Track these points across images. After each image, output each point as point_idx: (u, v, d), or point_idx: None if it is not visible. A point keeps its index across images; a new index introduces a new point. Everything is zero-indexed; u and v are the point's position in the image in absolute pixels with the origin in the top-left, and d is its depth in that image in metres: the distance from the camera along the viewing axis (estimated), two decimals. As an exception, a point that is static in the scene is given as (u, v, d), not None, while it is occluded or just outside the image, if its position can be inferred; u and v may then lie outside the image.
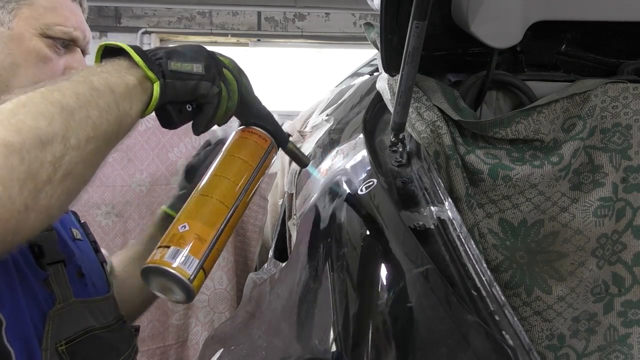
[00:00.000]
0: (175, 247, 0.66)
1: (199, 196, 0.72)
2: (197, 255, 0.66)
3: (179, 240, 0.67)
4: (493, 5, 0.95)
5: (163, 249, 0.66)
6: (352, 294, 0.78)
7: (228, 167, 0.75)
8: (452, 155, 0.93)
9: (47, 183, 0.50)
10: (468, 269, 0.73)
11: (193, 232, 0.67)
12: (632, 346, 1.04)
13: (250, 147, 0.78)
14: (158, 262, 0.65)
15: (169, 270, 0.65)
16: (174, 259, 0.65)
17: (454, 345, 0.65)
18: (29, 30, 0.76)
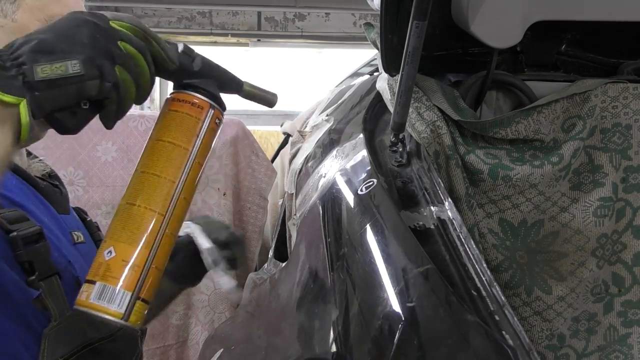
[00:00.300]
0: (101, 283, 0.56)
1: (123, 204, 0.60)
2: (129, 287, 0.57)
3: (104, 273, 0.57)
4: (493, 5, 0.95)
5: (89, 284, 0.57)
6: (352, 294, 0.78)
7: (155, 159, 0.60)
8: (452, 155, 0.93)
9: None
10: (468, 269, 0.73)
11: (119, 258, 0.57)
12: (632, 346, 1.04)
13: (181, 122, 0.61)
14: (84, 304, 0.57)
15: (97, 314, 0.56)
16: (100, 299, 0.56)
17: (454, 345, 0.65)
18: (33, 22, 0.73)
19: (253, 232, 2.40)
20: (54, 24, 0.56)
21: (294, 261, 1.10)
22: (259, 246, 2.41)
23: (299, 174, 1.42)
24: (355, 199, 0.92)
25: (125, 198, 0.60)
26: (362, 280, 0.79)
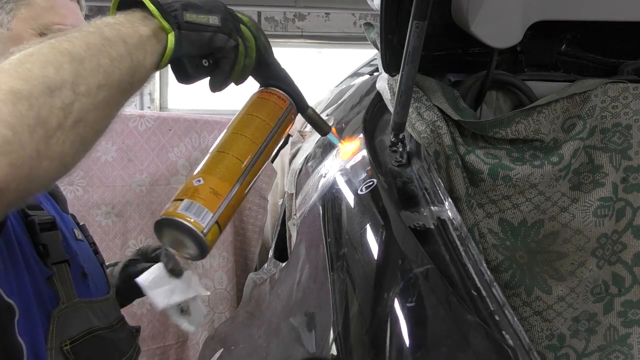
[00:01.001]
0: (189, 200, 0.63)
1: (215, 153, 0.70)
2: (211, 208, 0.64)
3: (192, 194, 0.64)
4: (493, 5, 0.95)
5: (176, 201, 0.64)
6: (352, 294, 0.78)
7: (246, 125, 0.72)
8: (452, 155, 0.93)
9: (58, 129, 0.49)
10: (468, 269, 0.73)
11: (208, 186, 0.65)
12: (632, 346, 1.04)
13: (269, 106, 0.75)
14: (171, 213, 0.63)
15: (182, 222, 0.62)
16: (187, 211, 0.63)
17: (454, 345, 0.65)
18: (27, 31, 0.75)
19: (253, 232, 2.40)
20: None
21: (294, 261, 1.10)
22: (259, 246, 2.41)
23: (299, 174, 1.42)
24: (355, 199, 0.92)
25: (217, 148, 0.71)
26: (362, 280, 0.79)
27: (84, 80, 0.52)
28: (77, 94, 0.51)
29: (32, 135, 0.47)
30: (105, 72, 0.54)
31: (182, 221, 0.62)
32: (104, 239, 2.09)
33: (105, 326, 0.82)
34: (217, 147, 0.71)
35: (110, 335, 0.82)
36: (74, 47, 0.53)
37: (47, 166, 0.50)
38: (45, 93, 0.49)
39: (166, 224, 0.63)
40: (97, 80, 0.53)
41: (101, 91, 0.54)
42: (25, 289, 0.69)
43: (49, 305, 0.73)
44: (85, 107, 0.52)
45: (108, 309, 0.85)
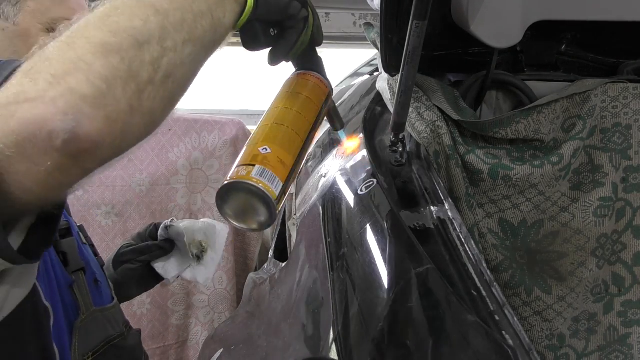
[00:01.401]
0: (261, 166, 0.61)
1: (273, 124, 0.68)
2: (281, 177, 0.62)
3: (263, 160, 0.62)
4: (493, 5, 0.95)
5: (247, 166, 0.61)
6: (352, 294, 0.78)
7: (296, 103, 0.71)
8: (452, 155, 0.93)
9: (149, 84, 0.48)
10: (468, 269, 0.73)
11: (275, 154, 0.63)
12: (632, 346, 1.04)
13: (316, 89, 0.74)
14: (245, 178, 0.59)
15: (258, 187, 0.59)
16: (261, 177, 0.60)
17: (454, 345, 0.65)
18: (35, 26, 0.73)
19: (253, 232, 2.40)
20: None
21: (294, 261, 1.10)
22: (259, 246, 2.41)
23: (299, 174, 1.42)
24: (355, 199, 0.92)
25: (274, 119, 0.68)
26: (362, 280, 0.79)
27: (170, 35, 0.51)
28: (164, 49, 0.50)
29: (125, 89, 0.46)
30: (189, 27, 0.53)
31: (258, 186, 0.59)
32: (104, 239, 2.09)
33: (118, 334, 0.80)
34: (272, 119, 0.68)
35: (124, 344, 0.81)
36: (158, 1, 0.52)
37: (139, 122, 0.48)
38: (134, 46, 0.48)
39: (239, 189, 0.60)
40: (181, 35, 0.52)
41: (186, 47, 0.53)
42: (55, 296, 0.67)
43: (72, 314, 0.71)
44: (173, 62, 0.51)
45: (117, 315, 0.84)
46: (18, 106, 0.43)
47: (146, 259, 1.09)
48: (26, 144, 0.42)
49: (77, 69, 0.44)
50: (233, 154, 2.31)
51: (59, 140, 0.43)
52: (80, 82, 0.44)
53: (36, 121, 0.42)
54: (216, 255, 1.18)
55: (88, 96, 0.44)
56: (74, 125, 0.43)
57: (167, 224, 1.13)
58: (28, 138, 0.42)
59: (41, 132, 0.42)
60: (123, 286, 1.02)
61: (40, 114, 0.42)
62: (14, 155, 0.43)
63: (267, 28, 0.66)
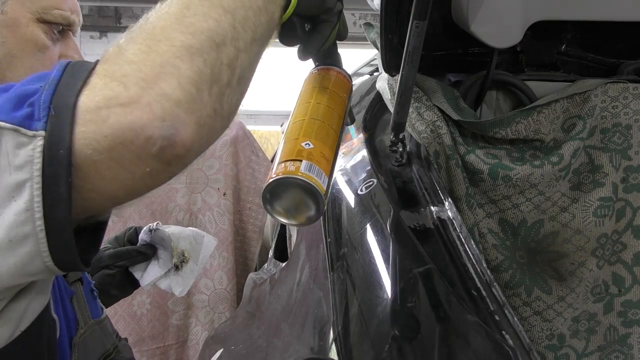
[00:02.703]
0: (308, 161, 0.60)
1: (309, 119, 0.66)
2: (326, 172, 0.61)
3: (308, 155, 0.61)
4: (493, 5, 0.95)
5: (294, 162, 0.60)
6: (352, 294, 0.78)
7: (325, 97, 0.70)
8: (452, 155, 0.93)
9: (228, 86, 0.47)
10: (468, 269, 0.73)
11: (319, 150, 0.62)
12: (632, 346, 1.04)
13: (340, 82, 0.73)
14: (295, 173, 0.58)
15: (308, 182, 0.58)
16: (310, 172, 0.59)
17: (454, 345, 0.65)
18: (25, 15, 0.69)
19: (253, 232, 2.40)
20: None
21: (294, 261, 1.10)
22: (259, 246, 2.41)
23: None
24: (355, 199, 0.92)
25: (310, 115, 0.67)
26: (362, 280, 0.79)
27: (240, 35, 0.50)
28: (237, 50, 0.49)
29: (210, 93, 0.45)
30: (253, 25, 0.52)
31: (308, 181, 0.58)
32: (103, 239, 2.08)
33: (112, 346, 0.78)
34: (307, 114, 0.67)
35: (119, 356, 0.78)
36: None
37: (220, 125, 0.48)
38: (213, 48, 0.47)
39: (290, 184, 0.59)
40: (249, 34, 0.51)
41: (253, 46, 0.52)
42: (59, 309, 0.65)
43: (72, 329, 0.68)
44: (245, 64, 0.50)
45: (109, 327, 0.81)
46: (110, 111, 0.42)
47: (125, 264, 1.05)
48: (119, 149, 0.42)
49: (167, 73, 0.44)
50: (233, 153, 2.31)
51: (156, 147, 0.42)
52: (173, 87, 0.43)
53: (133, 127, 0.42)
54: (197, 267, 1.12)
55: (182, 102, 0.43)
56: (173, 132, 0.42)
57: (152, 228, 1.11)
58: (121, 144, 0.42)
59: (138, 138, 0.42)
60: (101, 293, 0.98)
61: (136, 120, 0.42)
62: (103, 160, 0.42)
63: (303, 22, 0.65)
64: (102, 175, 0.43)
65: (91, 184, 0.43)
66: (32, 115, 0.42)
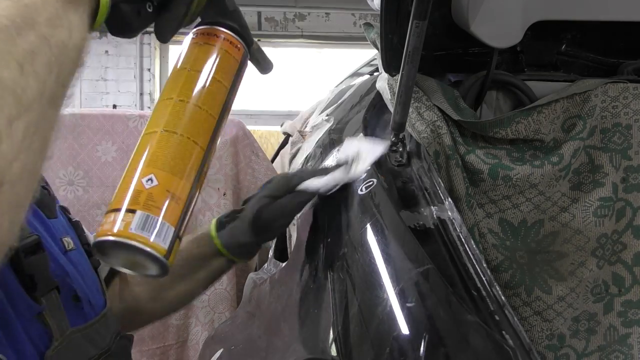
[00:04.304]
0: (143, 212, 0.49)
1: (160, 132, 0.52)
2: (172, 221, 0.50)
3: (146, 202, 0.49)
4: (493, 5, 0.95)
5: (127, 213, 0.49)
6: (352, 294, 0.78)
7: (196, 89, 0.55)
8: (452, 155, 0.93)
9: None
10: (468, 269, 0.73)
11: (164, 188, 0.50)
12: (632, 346, 1.04)
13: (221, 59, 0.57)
14: (124, 234, 0.48)
15: (141, 246, 0.48)
16: (144, 231, 0.48)
17: (454, 345, 0.65)
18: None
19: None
20: None
21: (294, 261, 1.10)
22: (259, 246, 2.41)
23: (299, 174, 1.41)
24: (355, 198, 0.92)
25: (162, 125, 0.52)
26: (362, 280, 0.79)
27: None
28: None
29: None
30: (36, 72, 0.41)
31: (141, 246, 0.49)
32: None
33: (102, 351, 0.71)
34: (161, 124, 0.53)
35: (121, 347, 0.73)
36: None
37: None
38: None
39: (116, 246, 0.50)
40: None
41: None
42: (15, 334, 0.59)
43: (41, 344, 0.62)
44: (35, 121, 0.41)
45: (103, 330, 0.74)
46: None
47: None
48: None
49: None
50: (233, 153, 2.31)
51: None
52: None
53: None
54: None
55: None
56: None
57: None
58: None
59: None
60: None
61: None
62: None
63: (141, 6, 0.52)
64: None
65: None
66: None
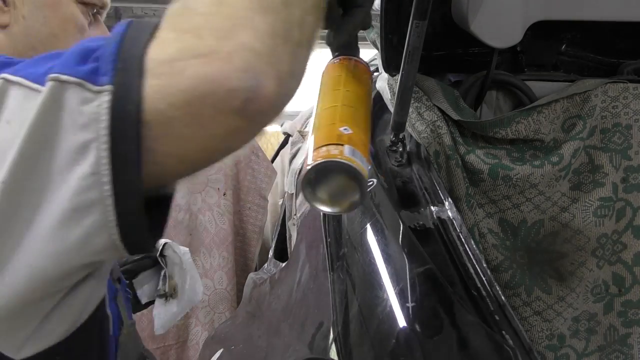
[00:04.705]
0: (349, 146, 0.56)
1: (342, 106, 0.63)
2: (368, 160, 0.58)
3: (349, 140, 0.57)
4: (493, 5, 0.95)
5: (336, 146, 0.56)
6: (351, 294, 0.78)
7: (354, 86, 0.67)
8: (452, 155, 0.93)
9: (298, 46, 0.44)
10: (468, 269, 0.73)
11: (357, 135, 0.59)
12: (632, 346, 1.04)
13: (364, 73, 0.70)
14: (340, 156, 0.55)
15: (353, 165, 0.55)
16: (354, 157, 0.55)
17: (454, 345, 0.65)
18: None
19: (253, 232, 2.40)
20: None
21: (294, 261, 1.10)
22: (259, 246, 2.41)
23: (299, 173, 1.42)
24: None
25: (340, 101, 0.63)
26: (361, 280, 0.79)
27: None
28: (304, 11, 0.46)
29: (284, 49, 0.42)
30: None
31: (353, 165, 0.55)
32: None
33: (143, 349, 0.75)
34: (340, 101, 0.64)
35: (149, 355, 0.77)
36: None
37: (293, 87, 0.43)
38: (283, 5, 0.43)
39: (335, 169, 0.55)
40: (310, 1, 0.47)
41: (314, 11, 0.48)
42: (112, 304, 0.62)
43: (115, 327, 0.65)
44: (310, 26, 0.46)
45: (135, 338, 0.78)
46: (186, 62, 0.37)
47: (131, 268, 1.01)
48: (198, 103, 0.37)
49: (242, 25, 0.39)
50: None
51: (239, 100, 0.38)
52: (250, 38, 0.39)
53: (213, 78, 0.37)
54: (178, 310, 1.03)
55: (262, 54, 0.39)
56: (255, 84, 0.38)
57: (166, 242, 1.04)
58: (201, 97, 0.37)
59: (219, 90, 0.37)
60: None
61: (216, 71, 0.37)
62: (180, 117, 0.38)
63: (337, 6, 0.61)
64: (177, 134, 0.38)
65: (164, 145, 0.38)
66: (97, 70, 0.38)
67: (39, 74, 0.39)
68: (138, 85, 0.37)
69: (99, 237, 0.39)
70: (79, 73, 0.38)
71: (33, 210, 0.38)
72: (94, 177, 0.37)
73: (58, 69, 0.38)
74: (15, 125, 0.38)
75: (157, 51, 0.39)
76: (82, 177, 0.37)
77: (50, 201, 0.38)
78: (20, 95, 0.39)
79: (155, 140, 0.38)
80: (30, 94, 0.39)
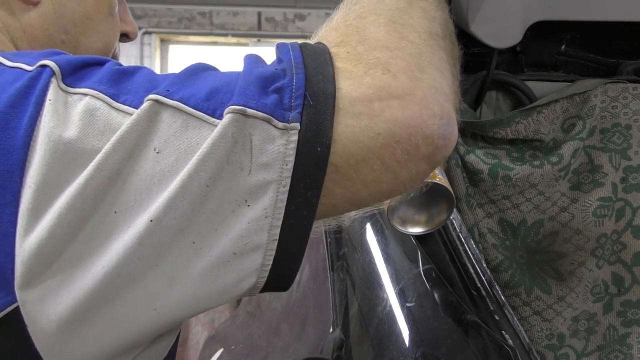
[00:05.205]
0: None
1: None
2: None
3: None
4: (493, 5, 0.95)
5: None
6: (351, 294, 0.78)
7: None
8: (452, 155, 0.93)
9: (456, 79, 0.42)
10: (468, 268, 0.73)
11: None
12: (632, 346, 1.04)
13: None
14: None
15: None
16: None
17: (454, 345, 0.65)
18: None
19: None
20: None
21: (294, 261, 1.10)
22: (259, 246, 2.41)
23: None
24: (355, 199, 0.92)
25: None
26: (361, 280, 0.79)
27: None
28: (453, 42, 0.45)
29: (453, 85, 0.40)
30: None
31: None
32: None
33: None
34: None
35: None
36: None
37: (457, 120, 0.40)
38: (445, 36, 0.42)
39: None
40: None
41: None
42: None
43: None
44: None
45: None
46: (384, 103, 0.35)
47: None
48: (392, 148, 0.35)
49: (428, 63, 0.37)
50: (233, 154, 2.31)
51: (432, 147, 0.36)
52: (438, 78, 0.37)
53: (410, 123, 0.35)
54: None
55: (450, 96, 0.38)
56: (450, 131, 0.36)
57: None
58: (397, 142, 0.35)
59: (415, 136, 0.35)
60: None
61: (415, 116, 0.35)
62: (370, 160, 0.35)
63: None
64: (361, 178, 0.36)
65: (344, 188, 0.36)
66: (282, 104, 0.35)
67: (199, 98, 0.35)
68: (330, 125, 0.34)
69: (246, 281, 0.35)
70: (265, 107, 0.34)
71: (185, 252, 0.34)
72: (266, 220, 0.34)
73: (241, 100, 0.34)
74: (169, 156, 0.34)
75: (349, 87, 0.36)
76: (253, 220, 0.34)
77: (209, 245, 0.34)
78: (177, 123, 0.34)
79: (335, 183, 0.35)
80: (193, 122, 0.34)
